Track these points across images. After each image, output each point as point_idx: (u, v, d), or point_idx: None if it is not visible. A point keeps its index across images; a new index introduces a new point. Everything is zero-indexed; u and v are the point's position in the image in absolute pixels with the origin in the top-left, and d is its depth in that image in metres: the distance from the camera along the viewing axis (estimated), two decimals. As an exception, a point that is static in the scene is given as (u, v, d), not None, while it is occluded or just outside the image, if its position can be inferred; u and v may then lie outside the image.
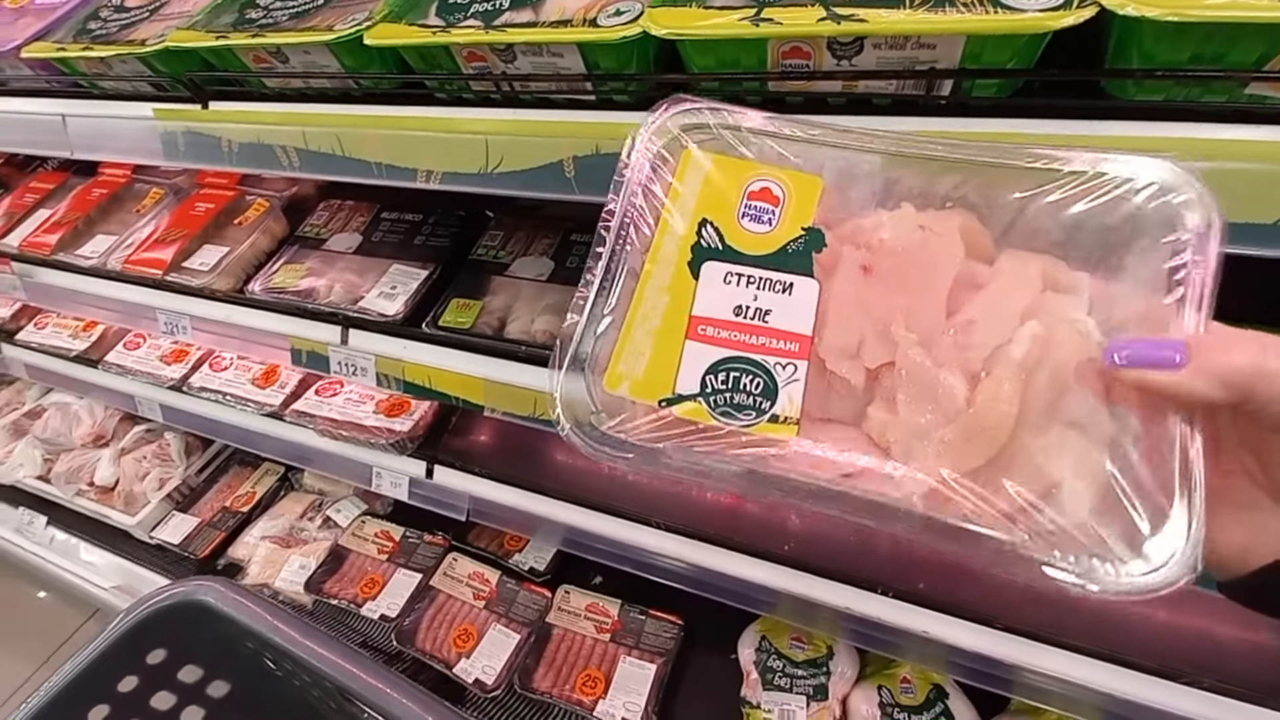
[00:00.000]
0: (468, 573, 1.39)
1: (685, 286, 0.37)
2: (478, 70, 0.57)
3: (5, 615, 1.93)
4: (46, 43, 0.79)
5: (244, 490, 1.66)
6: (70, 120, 0.81)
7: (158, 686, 0.55)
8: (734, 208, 0.38)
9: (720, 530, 1.05)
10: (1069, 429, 0.33)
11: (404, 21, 0.58)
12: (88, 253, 1.20)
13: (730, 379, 0.36)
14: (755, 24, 0.44)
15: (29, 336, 1.61)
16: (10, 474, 1.70)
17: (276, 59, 0.65)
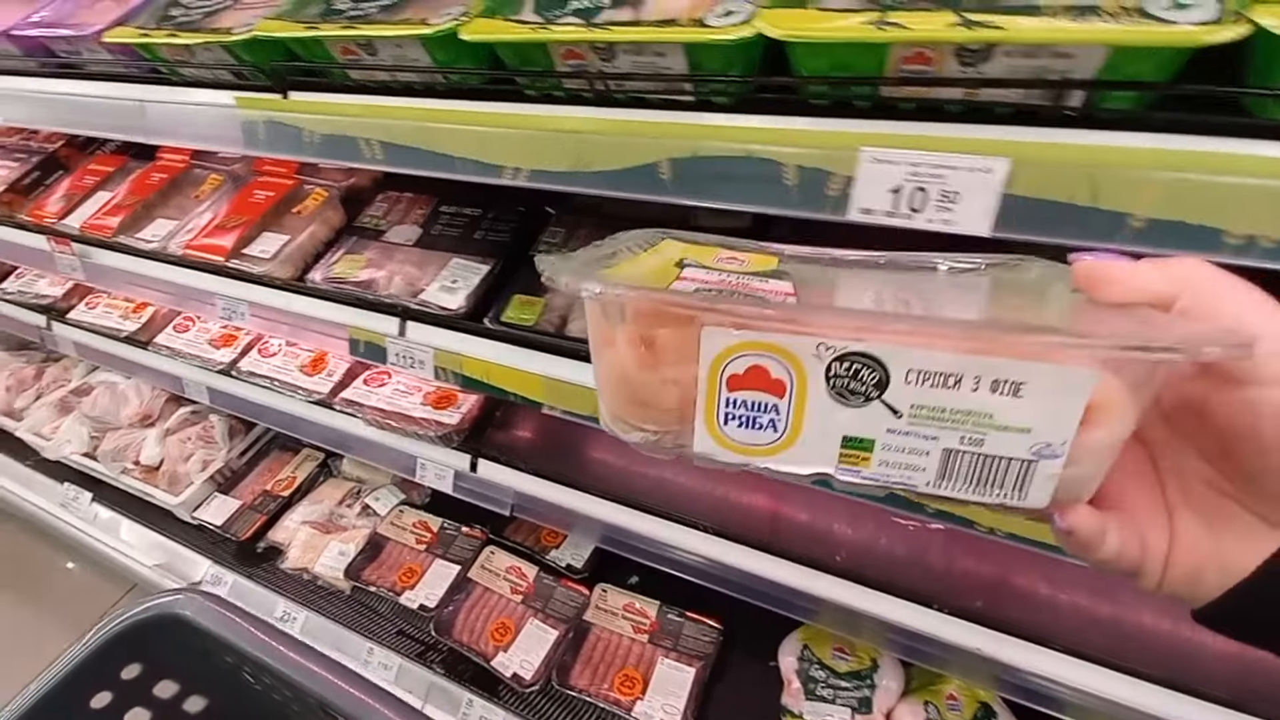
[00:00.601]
0: (505, 566, 1.39)
1: (669, 273, 0.37)
2: (573, 68, 0.56)
3: (44, 587, 1.96)
4: (129, 28, 0.79)
5: (284, 475, 1.67)
6: (149, 106, 0.81)
7: (132, 702, 0.53)
8: (710, 258, 0.40)
9: (763, 535, 1.04)
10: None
11: (499, 17, 0.57)
12: (148, 236, 1.21)
13: (723, 293, 0.35)
14: (880, 28, 0.42)
15: (80, 316, 1.63)
16: (57, 450, 1.73)
17: (365, 51, 0.64)
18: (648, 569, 1.13)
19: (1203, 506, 0.31)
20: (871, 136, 0.46)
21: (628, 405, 0.35)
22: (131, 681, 0.53)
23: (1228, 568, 0.30)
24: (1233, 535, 0.30)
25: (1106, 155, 0.42)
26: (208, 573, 1.53)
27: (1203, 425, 0.30)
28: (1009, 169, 0.43)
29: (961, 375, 0.28)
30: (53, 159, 1.46)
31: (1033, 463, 0.29)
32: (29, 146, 1.51)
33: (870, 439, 0.30)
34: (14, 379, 1.96)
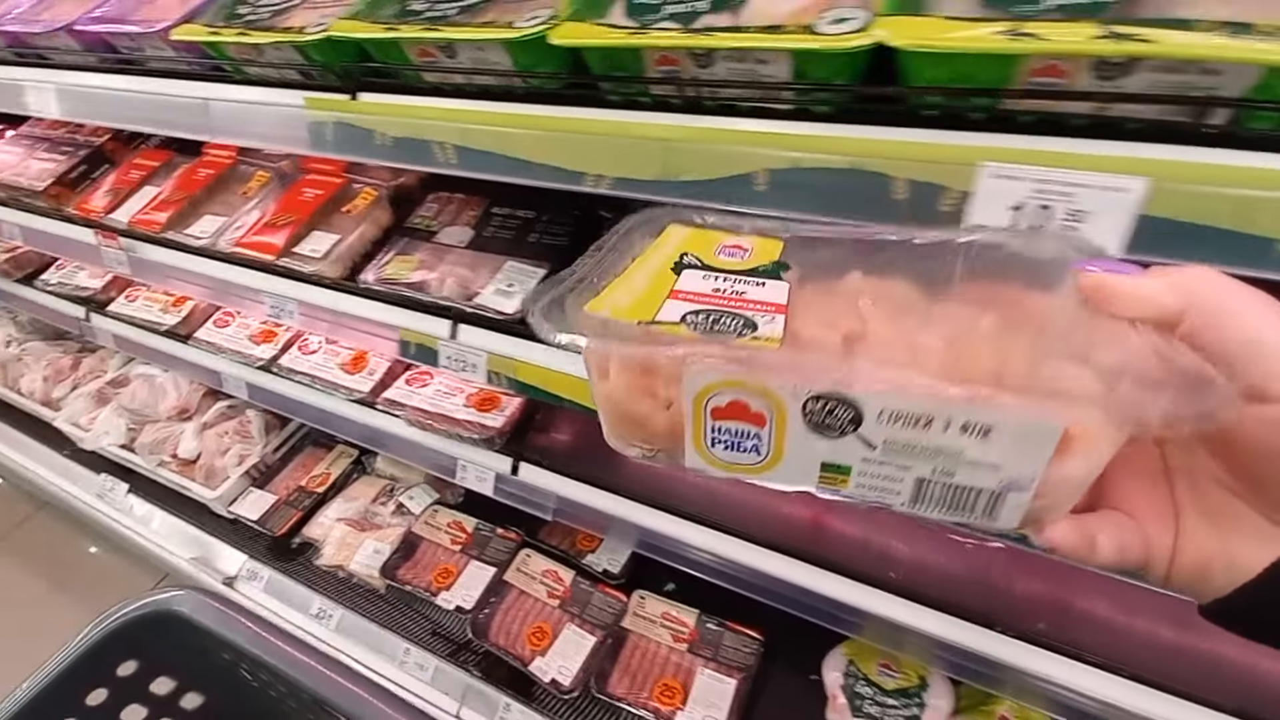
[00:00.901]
0: (541, 570, 1.37)
1: (667, 279, 0.38)
2: (665, 74, 0.54)
3: (77, 576, 1.97)
4: (197, 25, 0.78)
5: (319, 471, 1.67)
6: (213, 104, 0.80)
7: (128, 699, 0.52)
8: (711, 250, 0.40)
9: (808, 545, 1.02)
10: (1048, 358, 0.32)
11: (589, 21, 0.55)
12: (197, 232, 1.20)
13: (710, 318, 0.35)
14: (1015, 38, 0.40)
15: (120, 309, 1.63)
16: (95, 440, 1.73)
17: (444, 54, 0.63)
18: (683, 576, 1.12)
19: (1212, 505, 0.30)
20: (994, 151, 0.44)
21: (623, 425, 0.37)
22: (127, 678, 0.53)
23: (1235, 566, 0.30)
24: (1241, 535, 0.30)
25: (1254, 177, 0.39)
26: (244, 567, 1.53)
27: (1217, 430, 0.28)
28: (1146, 189, 0.40)
29: (932, 418, 0.29)
30: (99, 153, 1.46)
31: (1001, 494, 0.30)
32: (75, 140, 1.51)
33: (847, 465, 0.32)
34: (51, 369, 1.98)
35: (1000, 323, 0.33)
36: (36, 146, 1.53)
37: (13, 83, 1.03)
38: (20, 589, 2.01)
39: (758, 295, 0.36)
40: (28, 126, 1.66)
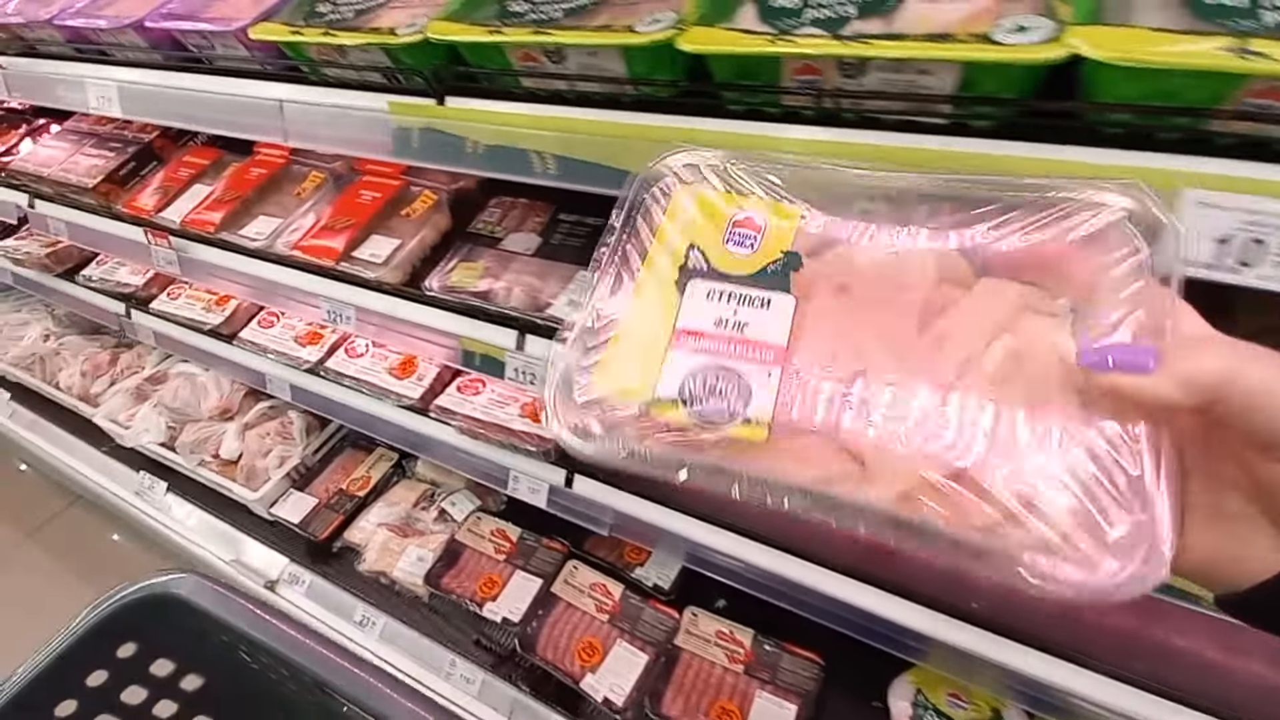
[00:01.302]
0: (589, 583, 1.33)
1: (672, 302, 0.39)
2: (802, 84, 0.50)
3: (111, 573, 1.96)
4: (277, 24, 0.74)
5: (359, 474, 1.64)
6: (288, 106, 0.76)
7: (128, 680, 0.53)
8: (720, 234, 0.40)
9: (874, 567, 0.97)
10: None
11: (717, 25, 0.51)
12: (252, 234, 1.17)
13: (707, 384, 0.37)
14: (1242, 56, 0.36)
15: (162, 306, 1.61)
16: (135, 438, 1.71)
17: (550, 58, 0.59)
18: (733, 591, 1.08)
19: (1227, 509, 0.31)
20: (1197, 176, 0.39)
21: None
22: (128, 660, 0.53)
23: (1243, 568, 0.30)
24: (1252, 541, 0.30)
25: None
26: (285, 571, 1.51)
27: (1248, 444, 0.29)
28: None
29: None
30: (148, 149, 1.43)
31: None
32: (124, 136, 1.48)
33: None
34: (89, 364, 1.96)
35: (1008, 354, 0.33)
36: (84, 142, 1.50)
37: (75, 79, 1.00)
38: (52, 583, 2.00)
39: (759, 327, 0.37)
40: (73, 121, 1.64)
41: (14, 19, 1.05)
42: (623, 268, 0.42)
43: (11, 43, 1.15)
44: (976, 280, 0.36)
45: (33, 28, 1.04)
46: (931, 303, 0.36)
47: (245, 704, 0.55)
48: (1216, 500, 0.31)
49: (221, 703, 0.56)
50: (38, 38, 1.08)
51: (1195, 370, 0.28)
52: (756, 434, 0.36)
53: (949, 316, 0.36)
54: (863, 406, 0.35)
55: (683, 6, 0.53)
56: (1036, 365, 0.33)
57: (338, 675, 0.48)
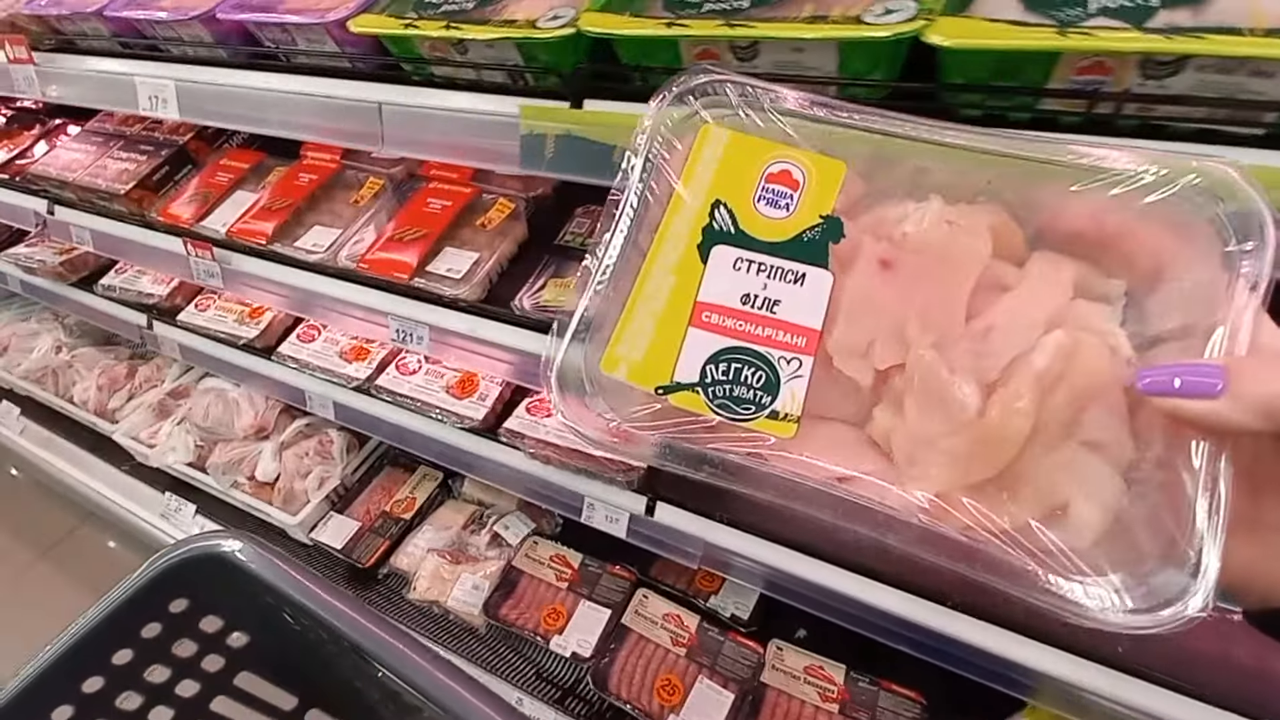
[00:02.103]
0: (661, 613, 1.25)
1: (693, 270, 0.35)
2: (1079, 85, 0.42)
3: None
4: (383, 16, 0.65)
5: (403, 495, 1.54)
6: (388, 109, 0.67)
7: (179, 634, 0.55)
8: (750, 190, 0.35)
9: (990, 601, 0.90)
10: (1085, 449, 0.30)
11: (972, 16, 0.42)
12: (309, 246, 1.07)
13: (731, 370, 0.34)
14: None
15: (190, 318, 1.49)
16: (161, 458, 1.59)
17: (740, 55, 0.50)
18: (815, 623, 1.01)
19: (1267, 519, 0.28)
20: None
21: None
22: (180, 615, 0.55)
23: (1275, 583, 0.28)
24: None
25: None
26: (329, 601, 1.40)
27: None
28: None
29: None
30: (182, 152, 1.32)
31: None
32: (154, 138, 1.37)
33: None
34: (105, 377, 1.83)
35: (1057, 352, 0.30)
36: (110, 144, 1.39)
37: (124, 77, 0.89)
38: (66, 603, 1.87)
39: (791, 309, 0.34)
40: (97, 121, 1.52)
41: (51, 11, 0.94)
42: (639, 225, 0.36)
43: (46, 36, 1.03)
44: (1029, 254, 0.33)
45: (75, 20, 0.93)
46: (982, 283, 0.33)
47: (286, 662, 0.58)
48: (1256, 511, 0.28)
49: (265, 660, 0.59)
50: (78, 31, 0.97)
51: (1273, 394, 0.25)
52: (785, 429, 0.32)
53: (998, 306, 0.32)
54: (898, 402, 0.32)
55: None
56: (1086, 362, 0.30)
57: (373, 641, 0.49)
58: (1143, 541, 0.29)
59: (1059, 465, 0.30)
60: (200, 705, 0.57)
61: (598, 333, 0.35)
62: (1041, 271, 0.32)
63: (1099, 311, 0.31)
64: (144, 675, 0.54)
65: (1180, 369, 0.27)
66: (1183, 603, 0.26)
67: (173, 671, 0.56)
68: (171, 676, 0.56)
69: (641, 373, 0.34)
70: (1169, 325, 0.30)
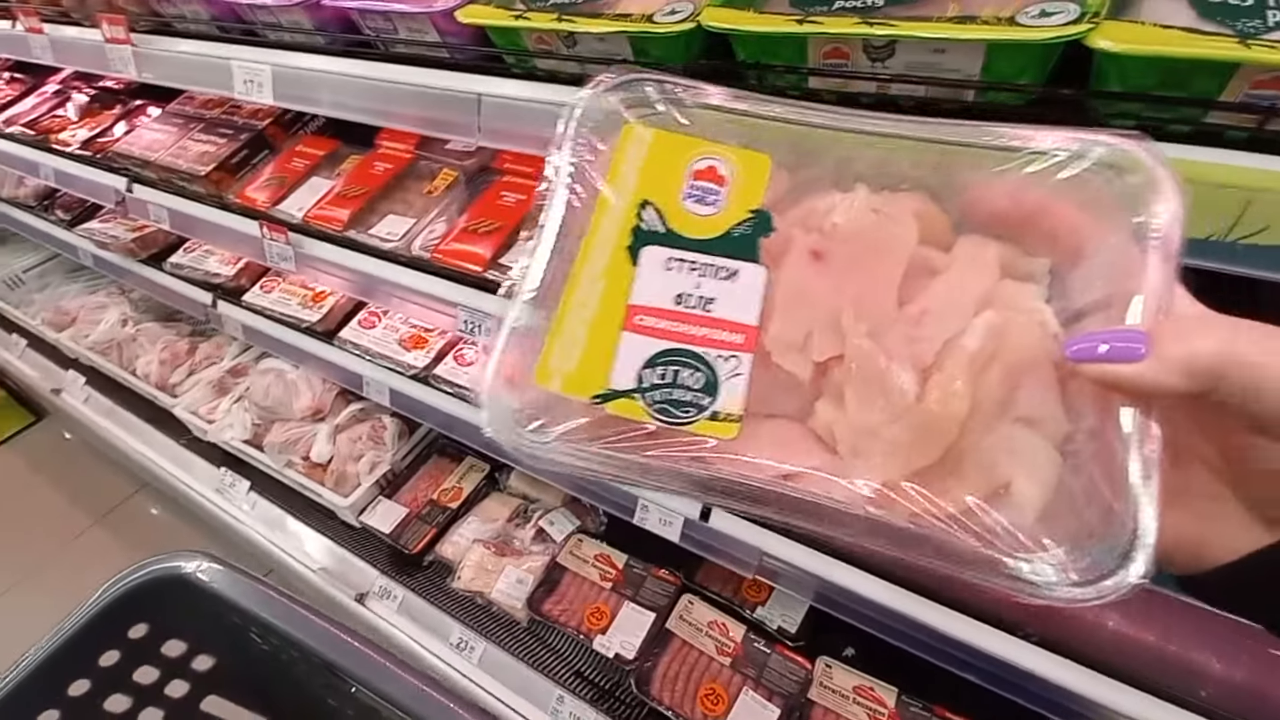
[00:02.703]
0: (707, 621, 1.22)
1: (623, 273, 0.34)
2: (1256, 100, 0.39)
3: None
4: (490, 7, 0.64)
5: (449, 484, 1.54)
6: (487, 102, 0.66)
7: (140, 660, 0.53)
8: (677, 188, 0.35)
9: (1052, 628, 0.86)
10: (1021, 426, 0.30)
11: (1144, 22, 0.40)
12: (384, 234, 1.07)
13: (669, 373, 0.33)
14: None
15: (256, 299, 1.52)
16: (219, 433, 1.62)
17: (872, 55, 0.48)
18: (864, 639, 0.98)
19: (1193, 487, 0.29)
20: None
21: None
22: (139, 640, 0.53)
23: (1205, 553, 0.29)
24: (1218, 521, 0.29)
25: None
26: (375, 583, 1.41)
27: (1222, 409, 0.26)
28: None
29: None
30: (260, 137, 1.34)
31: None
32: (233, 121, 1.39)
33: None
34: (168, 352, 1.88)
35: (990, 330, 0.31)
36: (191, 126, 1.42)
37: (220, 61, 0.90)
38: (116, 568, 1.92)
39: (726, 306, 0.33)
40: (177, 104, 1.55)
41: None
42: (564, 229, 0.35)
43: (144, 18, 1.06)
44: (955, 238, 0.33)
45: (175, 2, 0.95)
46: (911, 269, 0.33)
47: (256, 684, 0.56)
48: (1184, 479, 0.29)
49: (233, 683, 0.57)
50: (177, 14, 0.99)
51: (1193, 353, 0.26)
52: (727, 430, 0.32)
53: (929, 291, 0.33)
54: (839, 392, 0.32)
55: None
56: (1016, 340, 0.31)
57: (347, 656, 0.48)
58: (1082, 513, 0.29)
59: (998, 444, 0.30)
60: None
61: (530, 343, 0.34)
62: (968, 254, 0.33)
63: (1026, 290, 0.32)
64: (103, 705, 0.52)
65: (1105, 335, 0.28)
66: (1124, 570, 0.26)
67: (134, 700, 0.53)
68: (133, 705, 0.53)
69: (576, 383, 0.33)
70: (1091, 298, 0.31)
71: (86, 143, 1.60)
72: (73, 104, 1.76)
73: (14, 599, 1.85)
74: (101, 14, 1.09)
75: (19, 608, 1.82)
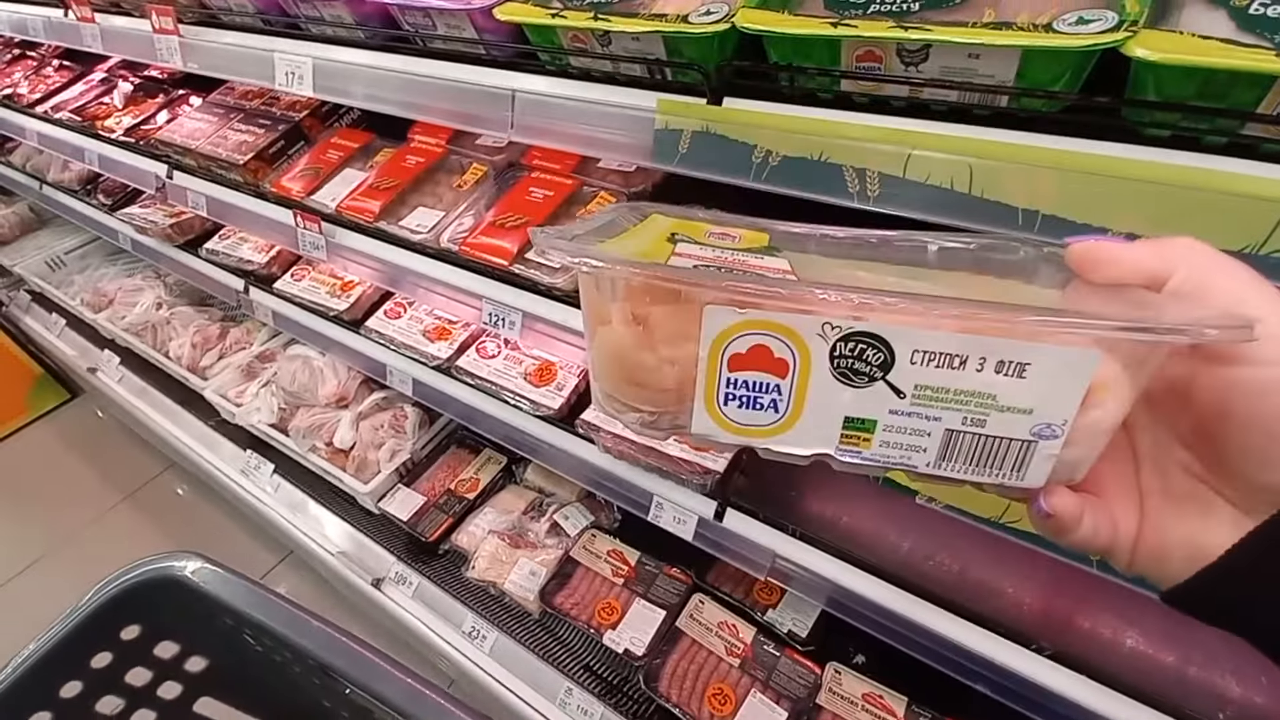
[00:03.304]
0: (717, 621, 1.22)
1: (663, 248, 0.35)
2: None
3: (202, 537, 1.92)
4: (528, 5, 0.65)
5: (467, 475, 1.56)
6: (521, 98, 0.67)
7: (133, 662, 0.53)
8: (700, 233, 0.38)
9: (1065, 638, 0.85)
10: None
11: (1183, 32, 0.39)
12: (413, 225, 1.09)
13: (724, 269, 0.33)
14: None
15: (285, 287, 1.55)
16: (246, 416, 1.66)
17: (906, 59, 0.48)
18: (873, 645, 0.98)
19: (1176, 491, 0.30)
20: None
21: (623, 385, 0.33)
22: (131, 642, 0.52)
23: (1196, 553, 0.29)
24: (1204, 521, 0.29)
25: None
26: (392, 569, 1.43)
27: (1186, 406, 0.28)
28: None
29: (967, 356, 0.27)
30: (297, 128, 1.37)
31: (1032, 443, 0.28)
32: (271, 113, 1.43)
33: (873, 419, 0.30)
34: (200, 336, 1.92)
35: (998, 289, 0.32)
36: (231, 116, 1.46)
37: (263, 52, 0.93)
38: (144, 544, 1.97)
39: (761, 264, 0.34)
40: (218, 94, 1.60)
41: (200, -14, 1.00)
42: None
43: (192, 9, 1.09)
44: None
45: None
46: None
47: (249, 686, 0.56)
48: (1164, 483, 0.30)
49: (226, 684, 0.56)
50: (223, 6, 1.02)
51: (1163, 240, 0.27)
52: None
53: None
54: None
55: (1121, 2, 0.42)
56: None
57: (340, 657, 0.48)
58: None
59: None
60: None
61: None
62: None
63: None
64: (94, 708, 0.51)
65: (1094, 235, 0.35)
66: None
67: (126, 701, 0.53)
68: (125, 708, 0.53)
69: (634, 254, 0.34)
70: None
71: (130, 130, 1.65)
72: (118, 92, 1.81)
73: (42, 569, 1.91)
74: (151, 4, 1.12)
75: (47, 579, 1.88)
